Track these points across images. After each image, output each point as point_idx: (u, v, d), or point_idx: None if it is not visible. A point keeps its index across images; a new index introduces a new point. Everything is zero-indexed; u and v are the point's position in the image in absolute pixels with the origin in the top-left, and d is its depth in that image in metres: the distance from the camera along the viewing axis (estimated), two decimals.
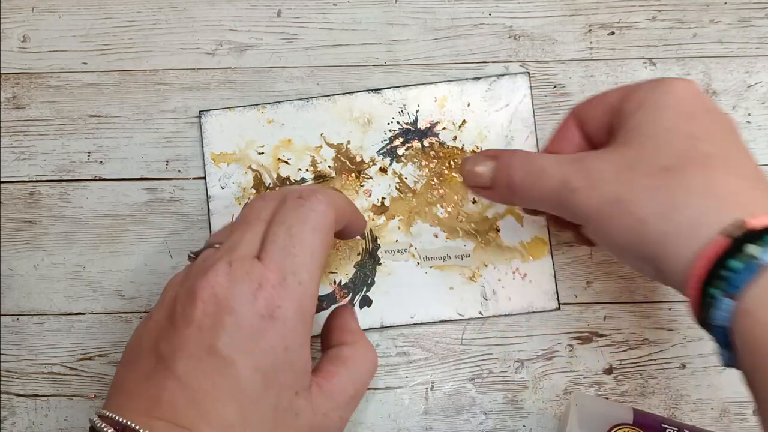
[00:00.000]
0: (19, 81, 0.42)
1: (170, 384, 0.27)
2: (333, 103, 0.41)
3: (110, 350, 0.40)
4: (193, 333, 0.28)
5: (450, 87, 0.41)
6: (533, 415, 0.40)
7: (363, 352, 0.33)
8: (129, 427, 0.27)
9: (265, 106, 0.41)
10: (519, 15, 0.42)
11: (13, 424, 0.40)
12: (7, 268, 0.41)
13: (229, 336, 0.28)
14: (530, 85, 0.41)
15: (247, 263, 0.29)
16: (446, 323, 0.40)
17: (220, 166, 0.41)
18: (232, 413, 0.27)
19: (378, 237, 0.40)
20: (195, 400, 0.27)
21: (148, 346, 0.29)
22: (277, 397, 0.28)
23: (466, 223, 0.40)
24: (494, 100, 0.41)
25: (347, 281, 0.40)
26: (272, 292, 0.29)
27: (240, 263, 0.29)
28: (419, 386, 0.40)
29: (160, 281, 0.41)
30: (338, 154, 0.41)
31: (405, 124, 0.41)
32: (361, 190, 0.41)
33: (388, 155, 0.41)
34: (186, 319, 0.28)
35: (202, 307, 0.28)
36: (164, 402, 0.27)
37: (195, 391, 0.27)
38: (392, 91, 0.41)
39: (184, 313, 0.28)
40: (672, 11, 0.42)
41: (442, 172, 0.41)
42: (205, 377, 0.27)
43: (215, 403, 0.27)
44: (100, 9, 0.42)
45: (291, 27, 0.42)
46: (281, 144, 0.41)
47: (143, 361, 0.29)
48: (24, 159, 0.41)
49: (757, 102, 0.41)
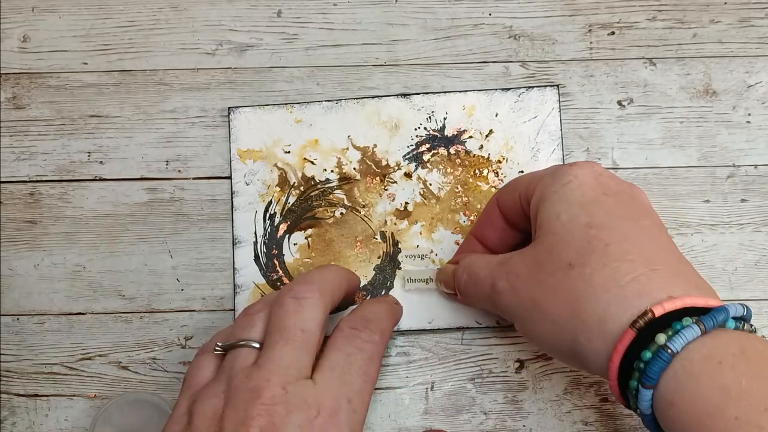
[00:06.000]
0: (19, 81, 0.42)
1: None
2: (361, 106, 0.41)
3: (110, 350, 0.40)
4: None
5: (479, 96, 0.41)
6: (533, 415, 0.40)
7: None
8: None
9: (293, 106, 0.41)
10: (519, 15, 0.42)
11: (14, 424, 0.40)
12: (7, 268, 0.41)
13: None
14: (559, 99, 0.41)
15: (302, 389, 0.30)
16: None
17: (245, 163, 0.41)
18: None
19: (399, 241, 0.40)
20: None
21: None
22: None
23: None
24: (522, 112, 0.41)
25: (366, 283, 0.40)
26: (328, 420, 0.29)
27: (296, 389, 0.29)
28: (419, 386, 0.40)
29: (160, 281, 0.41)
30: (364, 157, 0.41)
31: (432, 131, 0.41)
32: (385, 193, 0.41)
33: (413, 160, 0.41)
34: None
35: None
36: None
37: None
38: (421, 97, 0.41)
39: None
40: (672, 11, 0.42)
41: (467, 180, 0.41)
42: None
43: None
44: (101, 9, 0.42)
45: (291, 27, 0.42)
46: (308, 144, 0.41)
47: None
48: (24, 159, 0.42)
49: (757, 102, 0.41)
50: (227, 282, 0.41)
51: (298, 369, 0.30)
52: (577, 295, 0.29)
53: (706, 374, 0.25)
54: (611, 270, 0.28)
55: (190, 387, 0.32)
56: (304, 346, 0.31)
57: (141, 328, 0.41)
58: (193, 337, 0.40)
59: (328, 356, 0.32)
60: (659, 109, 0.41)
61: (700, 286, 0.28)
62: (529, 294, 0.31)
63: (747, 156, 0.41)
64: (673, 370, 0.26)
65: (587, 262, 0.29)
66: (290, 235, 0.40)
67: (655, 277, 0.28)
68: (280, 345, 0.31)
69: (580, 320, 0.28)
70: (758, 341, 0.26)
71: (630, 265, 0.28)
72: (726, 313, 0.26)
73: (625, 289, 0.28)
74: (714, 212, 0.41)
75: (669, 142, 0.41)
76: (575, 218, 0.30)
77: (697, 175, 0.41)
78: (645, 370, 0.26)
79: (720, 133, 0.41)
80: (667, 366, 0.26)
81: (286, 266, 0.40)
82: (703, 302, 0.27)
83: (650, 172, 0.41)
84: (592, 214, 0.30)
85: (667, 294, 0.27)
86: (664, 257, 0.29)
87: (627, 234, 0.29)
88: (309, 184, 0.41)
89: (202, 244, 0.41)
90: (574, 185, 0.31)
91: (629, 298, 0.27)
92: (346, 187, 0.41)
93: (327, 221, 0.41)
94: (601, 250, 0.29)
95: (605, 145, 0.41)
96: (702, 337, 0.26)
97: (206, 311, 0.41)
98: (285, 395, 0.29)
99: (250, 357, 0.31)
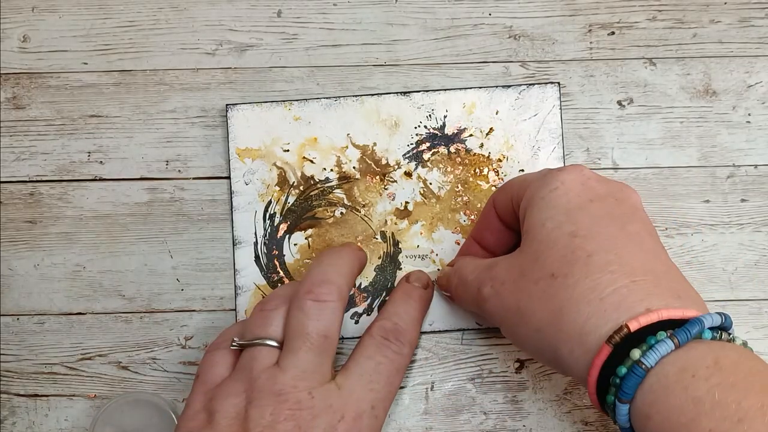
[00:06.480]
0: (19, 81, 0.42)
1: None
2: (361, 104, 0.41)
3: (110, 350, 0.40)
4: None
5: (479, 94, 0.41)
6: (533, 415, 0.40)
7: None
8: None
9: (292, 103, 0.41)
10: (519, 15, 0.42)
11: (13, 424, 0.40)
12: (7, 268, 0.41)
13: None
14: (560, 96, 0.41)
15: (328, 394, 0.30)
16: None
17: (244, 162, 0.41)
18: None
19: (399, 241, 0.40)
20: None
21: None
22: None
23: None
24: (523, 109, 0.41)
25: (367, 285, 0.40)
26: (351, 424, 0.30)
27: (321, 394, 0.30)
28: (419, 386, 0.40)
29: (160, 281, 0.41)
30: (363, 156, 0.41)
31: (432, 129, 0.41)
32: (385, 193, 0.41)
33: (413, 159, 0.41)
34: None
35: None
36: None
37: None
38: (421, 95, 0.41)
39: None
40: (672, 11, 0.42)
41: (467, 179, 0.41)
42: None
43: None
44: (101, 9, 0.42)
45: (291, 27, 0.42)
46: (307, 142, 0.41)
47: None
48: (24, 159, 0.41)
49: (757, 102, 0.41)
50: (227, 282, 0.41)
51: (322, 374, 0.31)
52: (559, 306, 0.29)
53: (680, 387, 0.25)
54: (592, 282, 0.28)
55: (204, 383, 0.32)
56: (326, 351, 0.32)
57: (141, 328, 0.41)
58: (193, 337, 0.40)
59: (358, 361, 0.33)
60: (659, 109, 0.41)
61: (682, 295, 0.28)
62: (513, 301, 0.31)
63: (747, 156, 0.41)
64: (648, 384, 0.26)
65: (570, 272, 0.29)
66: (290, 236, 0.40)
67: (636, 289, 0.28)
68: (303, 350, 0.31)
69: (561, 331, 0.29)
70: (733, 351, 0.26)
71: (611, 277, 0.28)
72: (700, 326, 0.26)
73: (604, 302, 0.28)
74: (714, 212, 0.41)
75: (669, 142, 0.41)
76: (560, 226, 0.30)
77: (697, 175, 0.41)
78: (621, 385, 0.26)
79: (720, 133, 0.41)
80: (642, 380, 0.26)
81: (287, 267, 0.40)
82: (680, 314, 0.27)
83: (650, 172, 0.41)
84: (577, 222, 0.30)
85: (646, 306, 0.27)
86: (648, 265, 0.29)
87: (611, 243, 0.29)
88: (308, 184, 0.41)
89: (202, 244, 0.41)
90: (560, 191, 0.31)
91: (608, 312, 0.27)
92: (345, 187, 0.41)
93: (327, 221, 0.40)
94: (584, 260, 0.29)
95: (605, 145, 0.41)
96: (676, 350, 0.26)
97: (206, 311, 0.41)
98: (311, 400, 0.30)
99: (270, 357, 0.31)
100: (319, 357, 0.31)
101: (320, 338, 0.32)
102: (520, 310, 0.30)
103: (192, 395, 0.32)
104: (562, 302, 0.29)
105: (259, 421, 0.29)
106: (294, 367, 0.31)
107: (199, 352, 0.40)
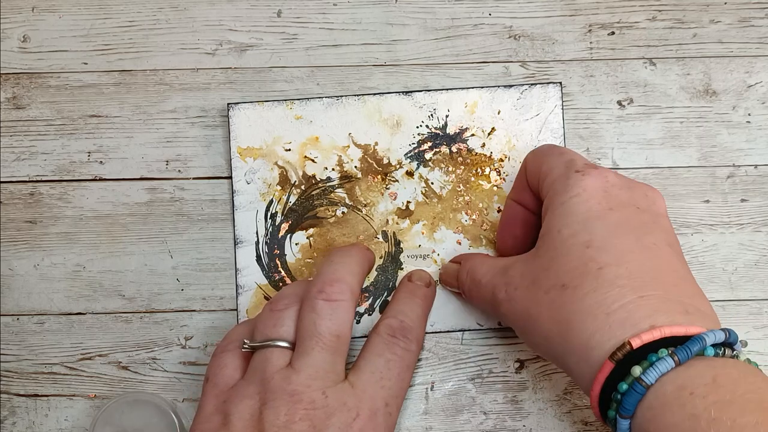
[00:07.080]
0: (19, 81, 0.42)
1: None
2: (363, 103, 0.41)
3: (110, 350, 0.40)
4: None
5: (481, 93, 0.41)
6: (533, 415, 0.40)
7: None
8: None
9: (293, 102, 0.41)
10: (519, 15, 0.42)
11: (14, 424, 0.40)
12: (7, 268, 0.41)
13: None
14: (561, 96, 0.41)
15: (342, 393, 0.30)
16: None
17: (246, 161, 0.41)
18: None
19: (401, 241, 0.40)
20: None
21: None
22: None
23: (490, 232, 0.40)
24: (525, 109, 0.41)
25: (368, 284, 0.40)
26: (366, 422, 0.30)
27: (335, 393, 0.30)
28: (419, 386, 0.40)
29: (160, 281, 0.41)
30: (365, 155, 0.41)
31: (434, 129, 0.41)
32: (387, 192, 0.41)
33: (415, 159, 0.41)
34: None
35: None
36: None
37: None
38: (423, 94, 0.41)
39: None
40: (672, 11, 0.42)
41: (469, 179, 0.41)
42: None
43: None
44: (100, 9, 0.42)
45: (291, 27, 0.42)
46: (308, 141, 0.41)
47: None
48: (24, 159, 0.41)
49: (757, 102, 0.41)
50: (227, 282, 0.41)
51: (336, 373, 0.31)
52: (567, 318, 0.29)
53: (677, 405, 0.25)
54: (601, 296, 0.28)
55: (216, 386, 0.32)
56: (339, 351, 0.32)
57: (141, 328, 0.40)
58: (193, 337, 0.40)
59: (368, 359, 0.33)
60: (659, 109, 0.41)
61: (690, 310, 0.28)
62: (524, 307, 0.31)
63: (747, 156, 0.41)
64: (648, 401, 0.26)
65: (580, 285, 0.29)
66: (292, 235, 0.40)
67: (642, 305, 0.28)
68: (316, 351, 0.31)
69: (568, 342, 0.29)
70: (734, 368, 0.26)
71: (619, 292, 0.28)
72: (701, 343, 0.26)
73: (610, 317, 0.28)
74: (714, 212, 0.41)
75: (669, 142, 0.41)
76: (575, 235, 0.30)
77: (697, 175, 0.41)
78: (622, 401, 0.27)
79: (720, 133, 0.41)
80: (643, 397, 0.26)
81: (288, 267, 0.40)
82: (684, 331, 0.27)
83: (650, 172, 0.41)
84: (593, 232, 0.30)
85: (650, 323, 0.27)
86: (659, 279, 0.29)
87: (624, 255, 0.29)
88: (310, 183, 0.41)
89: (202, 244, 0.41)
90: (581, 199, 0.31)
91: (613, 328, 0.28)
92: (347, 186, 0.41)
93: (328, 220, 0.40)
94: (594, 273, 0.29)
95: (605, 145, 0.41)
96: (677, 367, 0.26)
97: (206, 311, 0.41)
98: (325, 399, 0.30)
99: (283, 358, 0.32)
100: (332, 357, 0.31)
101: (333, 338, 0.32)
102: (531, 317, 0.31)
103: (204, 398, 0.32)
104: (570, 314, 0.29)
105: (274, 421, 0.29)
106: (308, 368, 0.31)
107: (199, 352, 0.40)
